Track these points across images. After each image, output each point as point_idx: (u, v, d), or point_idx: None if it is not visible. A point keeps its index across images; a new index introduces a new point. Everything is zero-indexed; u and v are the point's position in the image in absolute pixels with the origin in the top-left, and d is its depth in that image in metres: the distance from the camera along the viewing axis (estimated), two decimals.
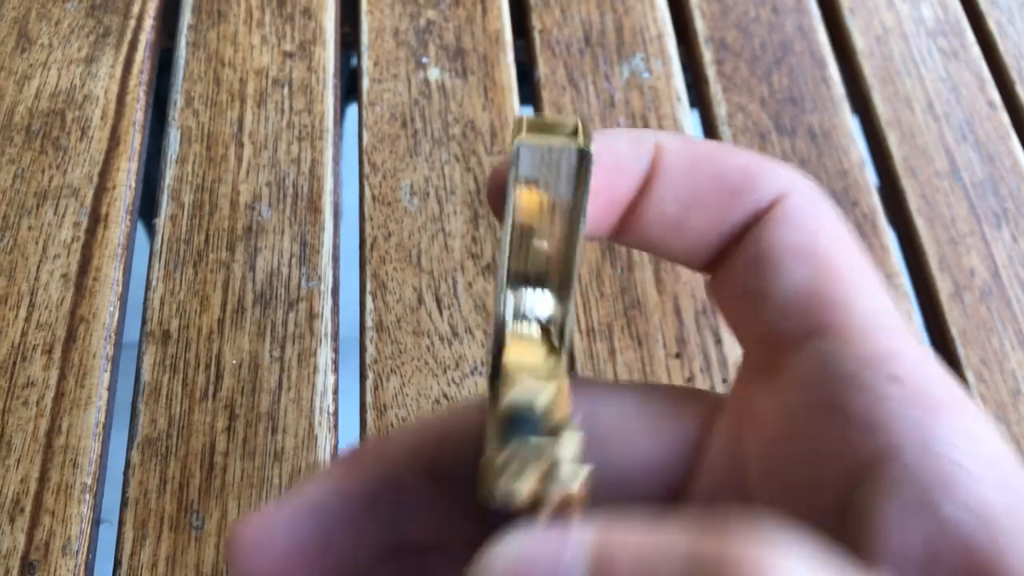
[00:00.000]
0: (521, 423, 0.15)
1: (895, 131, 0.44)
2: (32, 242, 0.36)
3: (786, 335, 0.18)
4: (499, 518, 0.14)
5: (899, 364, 0.17)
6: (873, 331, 0.17)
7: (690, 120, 0.42)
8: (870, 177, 0.42)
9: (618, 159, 0.18)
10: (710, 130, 0.43)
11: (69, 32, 0.42)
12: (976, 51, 0.47)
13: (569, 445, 0.15)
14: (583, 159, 0.17)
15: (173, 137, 0.39)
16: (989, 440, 0.16)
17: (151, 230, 0.37)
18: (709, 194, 0.18)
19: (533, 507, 0.15)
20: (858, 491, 0.16)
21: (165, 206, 0.38)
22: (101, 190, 0.38)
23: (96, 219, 0.37)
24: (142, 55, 0.41)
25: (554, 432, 0.15)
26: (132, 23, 0.42)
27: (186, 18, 0.43)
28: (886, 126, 0.44)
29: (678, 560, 0.13)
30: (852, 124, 0.43)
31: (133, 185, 0.38)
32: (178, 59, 0.42)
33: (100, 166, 0.38)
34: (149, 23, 0.42)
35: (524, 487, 0.14)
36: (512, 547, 0.14)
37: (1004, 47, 0.47)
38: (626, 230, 0.19)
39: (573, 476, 0.15)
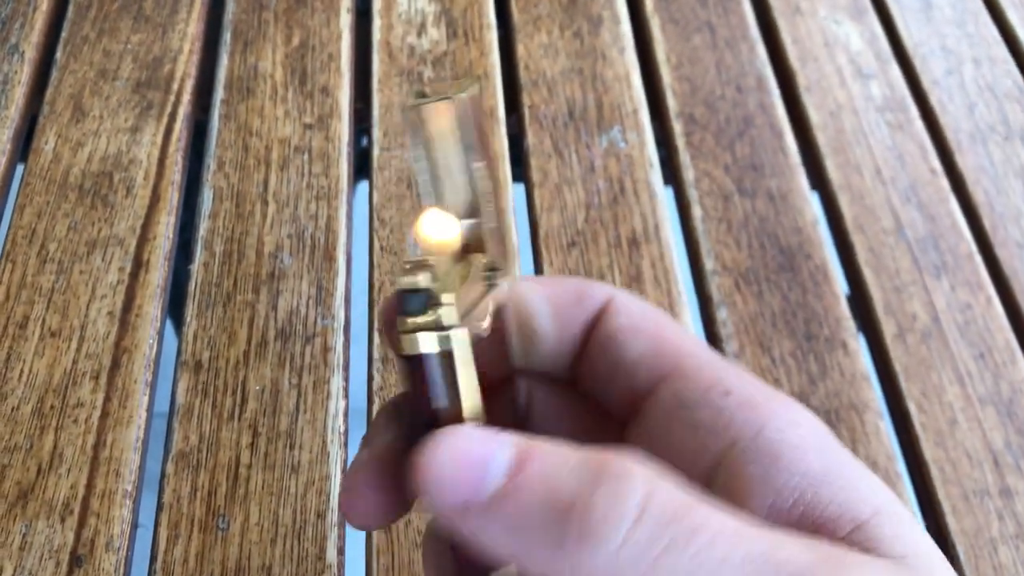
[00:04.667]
0: (410, 299, 0.21)
1: (846, 193, 0.49)
2: (83, 284, 0.41)
3: (639, 387, 0.24)
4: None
5: (729, 383, 0.22)
6: (704, 367, 0.23)
7: (661, 185, 0.48)
8: (823, 234, 0.47)
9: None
10: (680, 193, 0.49)
11: (117, 106, 0.48)
12: (920, 124, 0.52)
13: (447, 316, 0.21)
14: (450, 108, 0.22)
15: (207, 195, 0.45)
16: (805, 423, 0.22)
17: (186, 275, 0.42)
18: (563, 306, 0.25)
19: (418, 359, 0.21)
20: (716, 474, 0.22)
21: (199, 254, 0.43)
22: (143, 240, 0.43)
23: (138, 265, 0.42)
24: (180, 125, 0.47)
25: (435, 305, 0.21)
26: (172, 98, 0.48)
27: (219, 94, 0.49)
28: (838, 189, 0.49)
29: (575, 462, 0.19)
30: (807, 188, 0.49)
31: (171, 236, 0.43)
32: (211, 129, 0.47)
33: (142, 220, 0.43)
34: (187, 98, 0.48)
35: (414, 343, 0.21)
36: (449, 445, 0.19)
37: (945, 121, 0.53)
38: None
39: (447, 341, 0.21)
